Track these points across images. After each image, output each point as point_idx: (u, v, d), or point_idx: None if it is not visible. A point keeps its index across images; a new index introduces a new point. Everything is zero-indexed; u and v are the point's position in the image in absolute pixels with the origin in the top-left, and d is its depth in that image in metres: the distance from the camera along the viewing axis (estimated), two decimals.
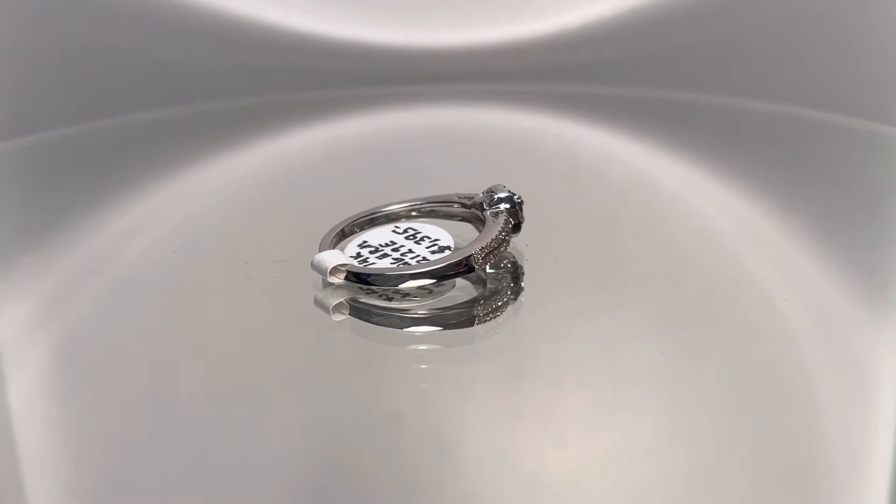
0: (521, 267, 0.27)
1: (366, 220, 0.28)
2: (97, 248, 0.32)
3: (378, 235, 0.27)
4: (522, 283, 0.26)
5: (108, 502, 0.18)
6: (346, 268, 0.25)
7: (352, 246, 0.27)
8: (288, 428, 0.20)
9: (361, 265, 0.26)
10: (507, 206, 0.26)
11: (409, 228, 0.27)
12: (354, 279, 0.25)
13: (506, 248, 0.26)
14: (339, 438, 0.19)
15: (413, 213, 0.29)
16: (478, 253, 0.24)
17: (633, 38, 0.59)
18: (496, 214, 0.26)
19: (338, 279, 0.25)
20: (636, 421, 0.20)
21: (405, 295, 0.25)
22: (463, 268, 0.24)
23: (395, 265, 0.25)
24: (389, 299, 0.25)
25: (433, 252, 0.25)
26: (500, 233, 0.25)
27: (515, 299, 0.25)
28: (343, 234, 0.27)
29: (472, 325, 0.24)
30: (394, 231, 0.27)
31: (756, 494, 0.17)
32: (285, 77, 0.60)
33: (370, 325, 0.25)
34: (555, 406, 0.21)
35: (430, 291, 0.25)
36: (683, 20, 0.58)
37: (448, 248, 0.26)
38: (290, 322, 0.26)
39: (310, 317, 0.25)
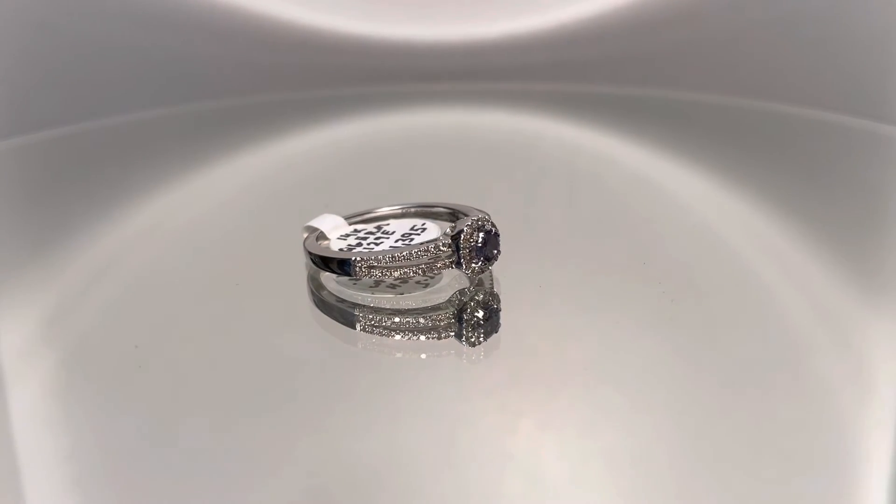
0: (486, 305, 0.24)
1: (361, 221, 0.28)
2: (105, 249, 0.32)
3: (398, 224, 0.27)
4: (473, 320, 0.24)
5: None
6: (307, 237, 0.27)
7: (370, 225, 0.27)
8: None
9: (336, 238, 0.26)
10: (452, 240, 0.24)
11: (423, 225, 0.27)
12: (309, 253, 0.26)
13: (418, 274, 0.24)
14: None
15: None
16: (362, 261, 0.24)
17: (632, 36, 0.59)
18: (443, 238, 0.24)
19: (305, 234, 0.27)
20: (632, 422, 0.20)
21: (354, 277, 0.25)
22: (338, 269, 0.24)
23: (340, 251, 0.25)
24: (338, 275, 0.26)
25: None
26: (412, 255, 0.24)
27: (426, 331, 0.23)
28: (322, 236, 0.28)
29: (353, 328, 0.24)
30: (412, 225, 0.27)
31: (755, 493, 0.17)
32: (281, 75, 0.60)
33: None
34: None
35: (377, 285, 0.25)
36: (682, 18, 0.58)
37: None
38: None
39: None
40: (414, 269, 0.24)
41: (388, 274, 0.24)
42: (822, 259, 0.29)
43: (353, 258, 0.24)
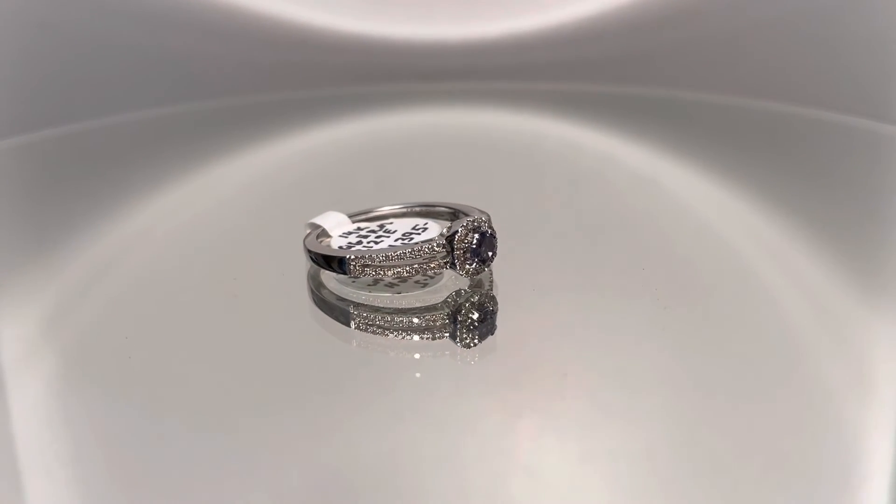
0: (484, 308, 0.24)
1: (365, 219, 0.28)
2: (105, 248, 0.32)
3: (400, 223, 0.27)
4: (468, 321, 0.23)
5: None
6: (308, 234, 0.26)
7: (374, 224, 0.27)
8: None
9: (338, 236, 0.26)
10: (447, 241, 0.24)
11: (425, 225, 0.27)
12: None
13: (412, 274, 0.24)
14: None
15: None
16: (356, 259, 0.24)
17: (632, 36, 0.59)
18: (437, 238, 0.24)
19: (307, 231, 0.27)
20: (629, 424, 0.20)
21: (350, 275, 0.25)
22: (334, 265, 0.24)
23: (340, 248, 0.25)
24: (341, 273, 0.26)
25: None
26: (406, 255, 0.24)
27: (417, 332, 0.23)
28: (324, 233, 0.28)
29: (347, 325, 0.24)
30: (414, 224, 0.27)
31: (754, 495, 0.17)
32: (284, 74, 0.60)
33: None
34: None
35: (375, 283, 0.25)
36: (682, 18, 0.58)
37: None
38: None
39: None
40: (407, 268, 0.24)
41: (382, 273, 0.24)
42: (822, 259, 0.29)
43: (348, 256, 0.24)
